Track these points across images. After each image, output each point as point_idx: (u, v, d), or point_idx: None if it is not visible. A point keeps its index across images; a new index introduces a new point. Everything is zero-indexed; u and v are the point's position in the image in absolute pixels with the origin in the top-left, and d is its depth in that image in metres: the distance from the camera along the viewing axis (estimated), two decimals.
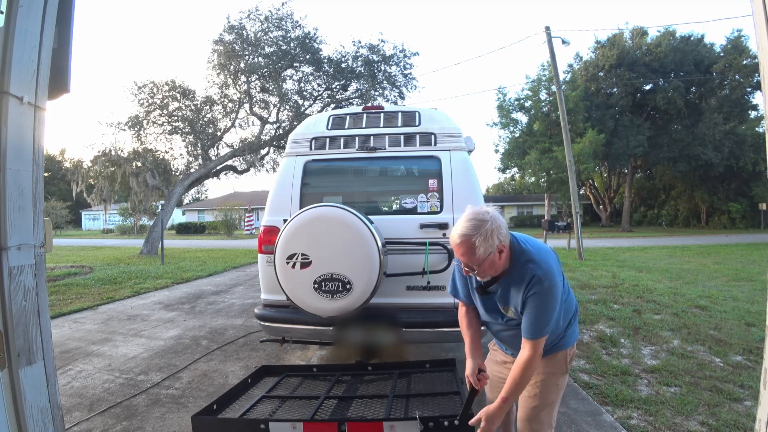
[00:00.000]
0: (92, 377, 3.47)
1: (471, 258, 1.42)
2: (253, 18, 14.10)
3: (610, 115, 26.63)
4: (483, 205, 1.51)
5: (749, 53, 23.74)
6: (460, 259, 1.46)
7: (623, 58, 25.89)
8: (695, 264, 10.10)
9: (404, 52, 14.85)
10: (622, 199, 30.71)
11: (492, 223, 1.41)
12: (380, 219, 2.92)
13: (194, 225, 34.82)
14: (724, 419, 2.56)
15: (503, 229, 1.44)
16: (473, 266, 1.44)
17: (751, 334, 4.24)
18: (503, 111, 28.87)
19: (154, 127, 14.93)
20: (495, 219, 1.43)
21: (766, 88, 1.22)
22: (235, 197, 39.97)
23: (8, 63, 1.03)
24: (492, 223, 1.41)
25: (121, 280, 8.57)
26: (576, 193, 12.77)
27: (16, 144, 1.06)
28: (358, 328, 2.79)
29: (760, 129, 24.15)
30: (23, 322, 1.08)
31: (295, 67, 14.88)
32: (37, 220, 1.13)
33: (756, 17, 1.15)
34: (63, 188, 40.01)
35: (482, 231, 1.39)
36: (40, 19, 1.11)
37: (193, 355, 3.98)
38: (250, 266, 11.26)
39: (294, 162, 3.21)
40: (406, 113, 3.31)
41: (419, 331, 2.73)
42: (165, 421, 2.70)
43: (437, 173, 3.06)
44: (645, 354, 3.83)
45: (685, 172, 26.54)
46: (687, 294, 6.38)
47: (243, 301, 6.62)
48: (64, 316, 5.63)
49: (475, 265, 1.44)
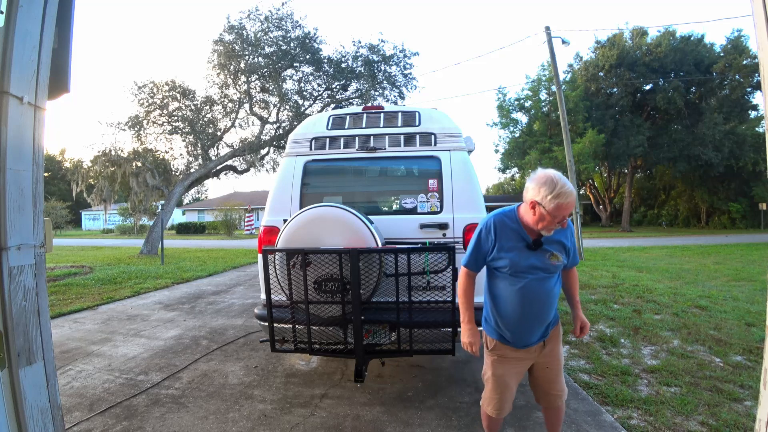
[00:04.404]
0: (92, 377, 3.47)
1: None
2: (253, 18, 14.11)
3: (610, 115, 26.63)
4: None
5: (749, 53, 23.74)
6: (566, 212, 1.67)
7: (623, 58, 25.87)
8: (695, 264, 10.10)
9: (404, 52, 14.86)
10: (622, 199, 30.70)
11: None
12: (380, 219, 2.92)
13: (194, 225, 34.79)
14: (724, 419, 2.56)
15: None
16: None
17: (751, 334, 4.24)
18: (503, 111, 28.89)
19: (154, 127, 14.94)
20: None
21: (766, 88, 1.22)
22: (235, 197, 39.95)
23: (8, 63, 1.03)
24: None
25: (121, 280, 8.56)
26: (576, 193, 12.75)
27: (16, 144, 1.06)
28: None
29: (760, 129, 24.15)
30: (23, 322, 1.08)
31: (295, 67, 14.87)
32: (37, 220, 1.13)
33: (756, 17, 1.15)
34: (63, 188, 40.05)
35: None
36: (40, 19, 1.11)
37: (193, 355, 3.98)
38: (250, 266, 11.26)
39: (294, 162, 3.21)
40: (406, 113, 3.31)
41: (419, 331, 2.73)
42: (165, 421, 2.70)
43: (437, 173, 3.06)
44: (645, 354, 3.83)
45: (685, 172, 26.53)
46: (687, 294, 6.38)
47: (243, 301, 6.62)
48: (64, 316, 5.63)
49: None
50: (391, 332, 2.75)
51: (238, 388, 3.20)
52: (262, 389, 3.17)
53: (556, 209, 1.64)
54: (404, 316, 2.58)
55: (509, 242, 1.82)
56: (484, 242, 1.86)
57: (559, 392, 2.00)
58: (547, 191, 1.65)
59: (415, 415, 2.73)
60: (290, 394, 3.07)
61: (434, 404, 2.88)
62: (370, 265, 2.52)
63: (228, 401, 2.97)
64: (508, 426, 2.55)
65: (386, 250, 2.53)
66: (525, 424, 2.60)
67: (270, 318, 2.64)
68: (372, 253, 2.50)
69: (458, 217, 2.94)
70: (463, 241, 2.91)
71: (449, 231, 2.93)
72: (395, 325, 2.67)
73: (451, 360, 3.71)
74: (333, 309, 2.57)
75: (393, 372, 3.47)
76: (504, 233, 1.83)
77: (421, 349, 2.70)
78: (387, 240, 2.88)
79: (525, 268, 1.81)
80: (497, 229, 1.83)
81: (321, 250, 2.48)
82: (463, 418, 2.69)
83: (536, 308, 1.84)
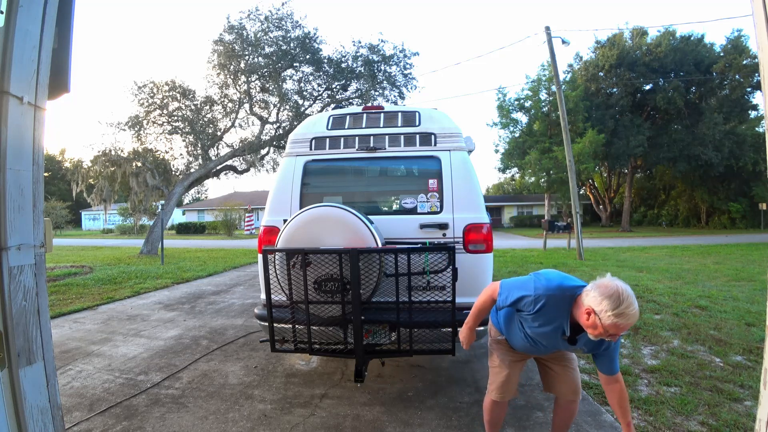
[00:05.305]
0: (92, 377, 3.47)
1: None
2: (253, 18, 14.10)
3: (610, 115, 26.64)
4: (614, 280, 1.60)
5: (749, 53, 23.76)
6: (622, 331, 1.54)
7: (623, 58, 25.89)
8: (695, 264, 10.10)
9: (404, 52, 14.86)
10: (622, 199, 30.71)
11: None
12: (380, 219, 2.92)
13: (194, 225, 34.79)
14: (724, 419, 2.56)
15: None
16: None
17: (751, 334, 4.24)
18: (503, 111, 28.90)
19: (154, 127, 14.94)
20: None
21: (766, 88, 1.22)
22: (235, 197, 39.95)
23: (8, 63, 1.03)
24: None
25: (121, 280, 8.56)
26: (576, 193, 12.77)
27: (16, 144, 1.06)
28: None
29: (760, 129, 24.16)
30: (23, 322, 1.08)
31: (295, 67, 14.87)
32: (37, 220, 1.13)
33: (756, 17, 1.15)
34: (63, 188, 40.04)
35: None
36: (40, 19, 1.11)
37: (193, 355, 3.98)
38: (250, 266, 11.25)
39: (294, 162, 3.21)
40: (406, 113, 3.30)
41: (419, 331, 2.73)
42: (165, 421, 2.70)
43: (437, 173, 3.06)
44: (645, 354, 3.83)
45: (685, 172, 26.54)
46: (687, 294, 6.38)
47: (243, 301, 6.62)
48: (64, 316, 5.63)
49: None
50: (391, 332, 2.75)
51: (238, 388, 3.20)
52: (262, 389, 3.17)
53: (612, 327, 1.51)
54: (404, 316, 2.58)
55: (547, 322, 1.74)
56: (524, 306, 1.77)
57: (572, 387, 2.02)
58: (609, 307, 1.51)
59: (415, 415, 2.73)
60: (290, 394, 3.07)
61: (434, 404, 2.88)
62: (370, 265, 2.52)
63: (228, 401, 2.97)
64: (508, 426, 2.55)
65: (386, 250, 2.53)
66: (525, 424, 2.60)
67: (270, 318, 2.64)
68: (372, 253, 2.50)
69: (458, 217, 2.94)
70: (463, 241, 2.91)
71: (449, 231, 2.93)
72: (395, 325, 2.67)
73: (451, 360, 3.71)
74: (333, 309, 2.57)
75: (393, 372, 3.47)
76: (548, 313, 1.72)
77: (421, 349, 2.70)
78: (387, 240, 2.88)
79: (545, 340, 1.83)
80: (543, 308, 1.71)
81: (321, 250, 2.48)
82: (463, 418, 2.69)
83: (543, 353, 2.00)
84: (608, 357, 1.76)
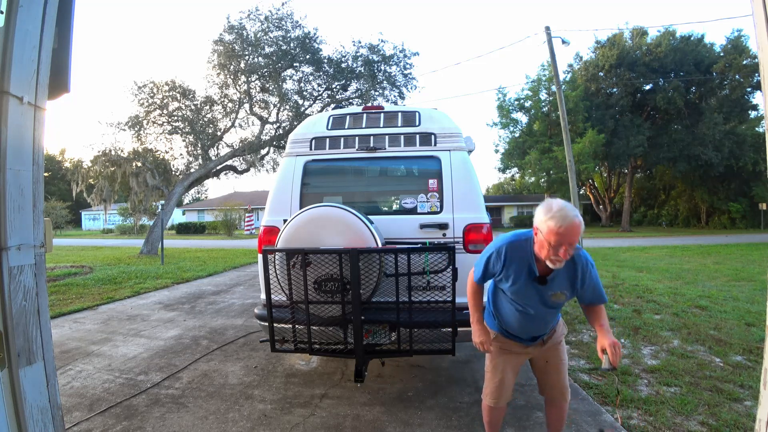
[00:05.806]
0: (92, 377, 3.47)
1: (577, 238, 1.58)
2: (253, 18, 14.11)
3: (610, 115, 26.63)
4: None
5: (749, 53, 23.75)
6: (573, 240, 1.56)
7: (623, 58, 25.88)
8: (695, 264, 10.10)
9: (404, 52, 14.86)
10: (622, 199, 30.71)
11: None
12: (380, 219, 2.92)
13: (194, 225, 34.80)
14: (724, 419, 2.56)
15: None
16: (573, 246, 1.59)
17: (751, 334, 4.24)
18: (503, 111, 28.92)
19: (154, 127, 14.95)
20: None
21: (766, 88, 1.22)
22: (235, 197, 39.95)
23: (8, 63, 1.03)
24: None
25: (121, 280, 8.56)
26: (576, 193, 12.76)
27: (16, 144, 1.06)
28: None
29: (760, 129, 24.15)
30: (23, 322, 1.08)
31: (295, 67, 14.87)
32: (37, 220, 1.13)
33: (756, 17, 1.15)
34: (63, 188, 40.03)
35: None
36: (40, 19, 1.11)
37: (193, 355, 3.98)
38: (250, 266, 11.25)
39: (294, 162, 3.21)
40: (406, 113, 3.30)
41: (419, 331, 2.73)
42: (165, 421, 2.70)
43: (437, 173, 3.06)
44: (645, 354, 3.83)
45: (685, 172, 26.54)
46: (687, 294, 6.38)
47: (243, 301, 6.62)
48: (64, 316, 5.63)
49: (572, 247, 1.58)
50: (391, 332, 2.75)
51: (238, 388, 3.20)
52: (262, 389, 3.17)
53: (551, 235, 1.56)
54: (404, 316, 2.57)
55: (516, 272, 1.80)
56: (493, 265, 1.85)
57: (561, 389, 2.04)
58: (543, 216, 1.60)
59: (415, 415, 2.73)
60: (290, 394, 3.07)
61: (434, 404, 2.88)
62: (370, 265, 2.52)
63: (228, 401, 2.97)
64: (508, 426, 2.55)
65: (386, 250, 2.53)
66: (525, 424, 2.60)
67: (270, 318, 2.64)
68: (372, 253, 2.50)
69: (458, 217, 2.94)
70: (463, 241, 2.90)
71: (449, 231, 2.93)
72: (395, 325, 2.67)
73: (451, 360, 3.71)
74: (333, 309, 2.57)
75: (393, 372, 3.47)
76: (513, 261, 1.79)
77: (421, 349, 2.70)
78: (387, 240, 2.88)
79: (527, 299, 1.84)
80: (507, 257, 1.80)
81: (321, 250, 2.47)
82: (463, 418, 2.69)
83: (536, 325, 1.95)
84: (590, 289, 1.81)
